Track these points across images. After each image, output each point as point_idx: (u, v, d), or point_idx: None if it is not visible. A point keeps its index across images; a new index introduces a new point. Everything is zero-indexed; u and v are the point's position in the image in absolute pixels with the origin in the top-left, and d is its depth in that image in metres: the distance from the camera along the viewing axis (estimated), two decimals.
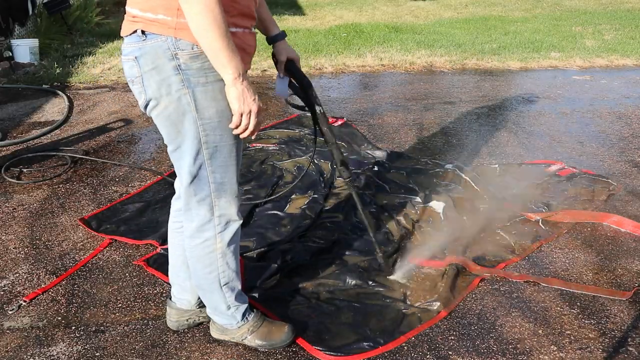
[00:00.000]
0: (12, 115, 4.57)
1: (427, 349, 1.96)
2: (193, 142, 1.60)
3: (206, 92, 1.55)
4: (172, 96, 1.54)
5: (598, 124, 4.33)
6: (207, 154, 1.63)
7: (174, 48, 1.50)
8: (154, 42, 1.50)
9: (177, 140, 1.62)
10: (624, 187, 3.20)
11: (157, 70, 1.52)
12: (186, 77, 1.52)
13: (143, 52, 1.52)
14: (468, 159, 3.60)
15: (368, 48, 6.90)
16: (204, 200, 1.70)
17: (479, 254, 2.51)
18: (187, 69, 1.52)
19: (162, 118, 1.60)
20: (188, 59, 1.51)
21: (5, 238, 2.72)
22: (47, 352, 1.96)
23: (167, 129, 1.62)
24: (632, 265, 2.46)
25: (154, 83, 1.54)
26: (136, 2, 1.52)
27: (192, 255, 1.81)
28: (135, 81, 1.58)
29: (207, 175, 1.66)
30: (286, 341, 1.93)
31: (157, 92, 1.55)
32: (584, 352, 1.94)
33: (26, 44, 6.23)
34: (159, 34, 1.49)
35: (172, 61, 1.51)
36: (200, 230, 1.75)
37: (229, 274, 1.83)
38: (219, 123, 1.60)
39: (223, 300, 1.87)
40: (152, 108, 1.60)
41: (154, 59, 1.51)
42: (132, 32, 1.53)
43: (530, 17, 9.34)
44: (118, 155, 3.72)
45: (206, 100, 1.56)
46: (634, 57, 6.54)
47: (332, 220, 2.76)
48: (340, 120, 4.25)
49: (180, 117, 1.57)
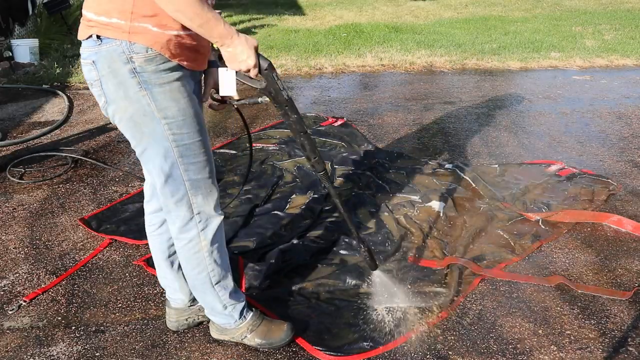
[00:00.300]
0: (12, 115, 4.57)
1: (427, 349, 1.96)
2: (160, 142, 1.60)
3: (164, 93, 1.56)
4: (130, 98, 1.55)
5: (598, 124, 4.33)
6: (177, 152, 1.63)
7: (128, 52, 1.50)
8: (109, 47, 1.51)
9: (143, 143, 1.62)
10: (624, 187, 3.20)
11: (113, 74, 1.53)
12: (143, 79, 1.53)
13: (99, 56, 1.52)
14: (468, 159, 3.60)
15: (368, 48, 6.90)
16: (181, 200, 1.70)
17: (479, 254, 2.51)
18: (142, 71, 1.52)
19: (124, 121, 1.60)
20: (143, 62, 1.52)
21: (5, 238, 2.72)
22: (47, 352, 1.96)
23: (131, 131, 1.62)
24: (632, 265, 2.46)
25: (111, 86, 1.55)
26: (90, 6, 1.52)
27: (181, 257, 1.82)
28: (94, 84, 1.58)
29: (181, 174, 1.66)
30: (285, 340, 1.93)
31: (115, 94, 1.55)
32: (584, 352, 1.94)
33: (26, 44, 6.23)
34: (113, 38, 1.50)
35: (127, 64, 1.51)
36: (183, 231, 1.75)
37: (218, 272, 1.82)
38: (184, 121, 1.60)
39: (218, 300, 1.87)
40: (113, 112, 1.59)
41: (110, 63, 1.52)
42: (88, 36, 1.53)
43: (530, 17, 9.34)
44: (118, 155, 3.72)
45: (166, 101, 1.57)
46: (634, 57, 6.55)
47: (332, 220, 2.76)
48: (340, 120, 4.25)
49: (142, 117, 1.57)
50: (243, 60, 1.56)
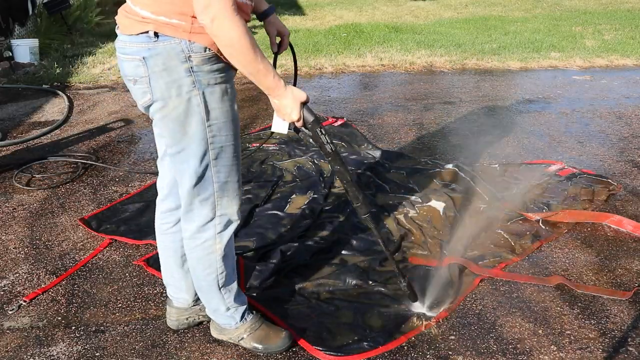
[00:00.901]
0: (12, 115, 4.57)
1: (427, 348, 1.96)
2: (200, 143, 1.61)
3: (214, 94, 1.58)
4: (182, 97, 1.55)
5: (598, 124, 4.33)
6: (213, 154, 1.64)
7: (187, 50, 1.51)
8: (166, 44, 1.50)
9: (182, 143, 1.62)
10: (624, 187, 3.20)
11: (167, 72, 1.53)
12: (197, 79, 1.54)
13: (153, 52, 1.51)
14: (468, 159, 3.60)
15: (368, 48, 6.90)
16: (207, 199, 1.71)
17: (479, 254, 2.51)
18: (198, 70, 1.53)
19: (168, 119, 1.60)
20: (200, 61, 1.53)
21: (5, 238, 2.72)
22: (47, 352, 1.96)
23: (173, 131, 1.61)
24: (632, 265, 2.46)
25: (163, 84, 1.54)
26: (146, 5, 1.51)
27: (192, 257, 1.82)
28: (139, 81, 1.57)
29: (212, 175, 1.67)
30: (282, 347, 1.92)
31: (166, 92, 1.55)
32: (584, 352, 1.94)
33: (26, 44, 6.23)
34: (172, 36, 1.50)
35: (185, 63, 1.52)
36: (201, 231, 1.75)
37: (227, 275, 1.83)
38: (225, 123, 1.62)
39: (222, 302, 1.87)
40: (158, 109, 1.59)
41: (166, 60, 1.51)
42: (140, 32, 1.52)
43: (530, 17, 9.34)
44: (118, 155, 3.72)
45: (214, 102, 1.58)
46: (634, 57, 6.54)
47: (332, 220, 2.76)
48: (340, 120, 4.25)
49: (188, 118, 1.58)
50: (287, 113, 1.61)
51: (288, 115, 1.62)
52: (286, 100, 1.58)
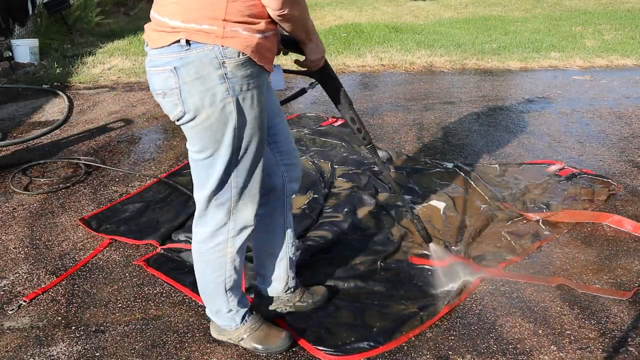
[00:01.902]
0: (12, 115, 4.57)
1: (427, 348, 1.96)
2: (227, 150, 1.59)
3: (246, 100, 1.56)
4: (215, 106, 1.52)
5: (598, 124, 4.33)
6: (238, 160, 1.63)
7: (221, 57, 1.48)
8: (199, 52, 1.48)
9: (210, 149, 1.60)
10: (624, 187, 3.20)
11: (201, 80, 1.50)
12: (231, 85, 1.52)
13: (185, 61, 1.49)
14: (468, 159, 3.60)
15: (368, 48, 6.90)
16: (223, 204, 1.70)
17: (479, 254, 2.51)
18: (232, 77, 1.51)
19: (200, 129, 1.57)
20: (234, 67, 1.50)
21: (5, 238, 2.72)
22: (47, 352, 1.96)
23: (204, 139, 1.58)
24: (632, 265, 2.46)
25: (196, 94, 1.51)
26: (175, 14, 1.49)
27: (201, 260, 1.81)
28: (169, 93, 1.53)
29: (232, 180, 1.66)
30: (282, 347, 1.92)
31: (200, 103, 1.52)
32: (584, 352, 1.94)
33: (26, 44, 6.23)
34: (204, 42, 1.47)
35: (219, 70, 1.49)
36: (214, 235, 1.74)
37: (234, 279, 1.83)
38: (253, 129, 1.60)
39: (226, 305, 1.87)
40: (190, 120, 1.56)
41: (199, 69, 1.49)
42: (171, 42, 1.49)
43: (530, 17, 9.34)
44: (118, 155, 3.72)
45: (246, 108, 1.56)
46: (634, 57, 6.54)
47: (332, 220, 2.76)
48: (340, 120, 4.25)
49: (220, 125, 1.55)
50: (323, 50, 1.81)
51: (322, 53, 1.80)
52: (319, 41, 1.77)
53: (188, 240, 2.62)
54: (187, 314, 2.15)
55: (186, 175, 3.35)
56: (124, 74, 5.85)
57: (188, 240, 2.62)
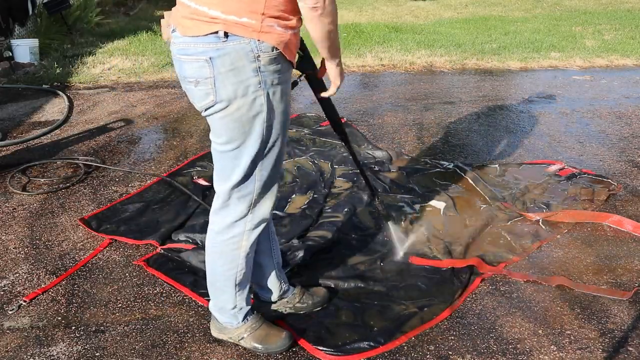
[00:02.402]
0: (12, 115, 4.57)
1: (427, 348, 1.96)
2: (256, 142, 1.63)
3: (276, 94, 1.60)
4: (247, 97, 1.56)
5: (598, 124, 4.33)
6: (264, 153, 1.67)
7: (257, 50, 1.53)
8: (236, 44, 1.52)
9: (237, 141, 1.63)
10: (624, 187, 3.20)
11: (235, 72, 1.53)
12: (264, 79, 1.56)
13: (222, 53, 1.52)
14: (468, 159, 3.60)
15: (368, 48, 6.90)
16: (245, 197, 1.72)
17: (479, 254, 2.51)
18: (265, 70, 1.56)
19: (229, 119, 1.60)
20: (267, 61, 1.55)
21: (5, 238, 2.72)
22: (47, 352, 1.96)
23: (232, 131, 1.62)
24: (632, 265, 2.46)
25: (229, 85, 1.55)
26: (215, 4, 1.52)
27: (215, 251, 1.83)
28: (203, 82, 1.57)
29: (256, 173, 1.69)
30: (282, 347, 1.92)
31: (233, 94, 1.56)
32: (584, 352, 1.94)
33: (26, 44, 6.23)
34: (242, 36, 1.51)
35: (253, 63, 1.54)
36: (232, 227, 1.77)
37: (244, 273, 1.84)
38: (279, 123, 1.65)
39: (232, 300, 1.87)
40: (220, 110, 1.59)
41: (235, 60, 1.52)
42: (209, 32, 1.52)
43: (530, 17, 9.34)
44: (118, 155, 3.72)
45: (275, 102, 1.61)
46: (634, 57, 6.54)
47: (332, 220, 2.76)
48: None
49: (250, 117, 1.59)
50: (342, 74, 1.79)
51: (342, 77, 1.79)
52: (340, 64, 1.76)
53: (188, 240, 2.62)
54: (187, 314, 2.15)
55: (186, 175, 3.36)
56: (124, 74, 5.85)
57: (188, 240, 2.62)
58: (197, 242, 2.60)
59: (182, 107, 4.75)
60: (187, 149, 3.80)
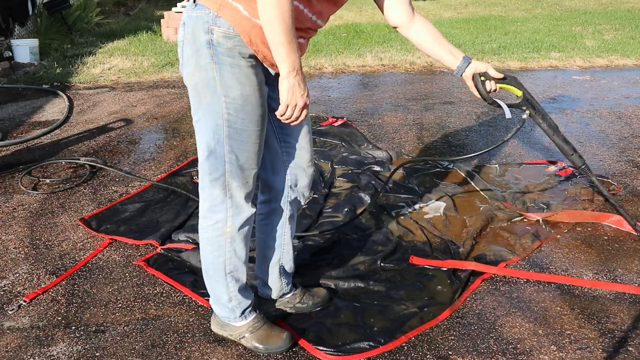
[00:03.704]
0: (12, 115, 4.57)
1: (427, 348, 1.96)
2: (214, 117, 1.65)
3: (233, 73, 1.61)
4: (200, 67, 1.61)
5: (598, 124, 4.33)
6: (227, 132, 1.66)
7: (211, 23, 1.56)
8: (198, 13, 1.58)
9: (199, 113, 1.68)
10: (624, 187, 3.20)
11: (193, 40, 1.60)
12: (215, 53, 1.58)
13: (188, 19, 1.61)
14: (468, 159, 3.60)
15: (368, 48, 6.90)
16: (217, 179, 1.72)
17: (479, 254, 2.51)
18: (217, 45, 1.58)
19: (190, 86, 1.67)
20: (220, 37, 1.57)
21: (5, 238, 2.72)
22: (47, 352, 1.96)
23: (193, 99, 1.68)
24: (632, 265, 2.46)
25: (188, 50, 1.62)
26: None
27: (202, 238, 1.83)
28: (179, 45, 1.68)
29: (224, 154, 1.69)
30: (283, 348, 1.92)
31: (189, 59, 1.63)
32: (584, 352, 1.94)
33: (26, 44, 6.24)
34: (205, 6, 1.57)
35: (206, 34, 1.57)
36: (212, 211, 1.77)
37: (235, 262, 1.83)
38: (242, 106, 1.64)
39: (226, 290, 1.87)
40: (184, 73, 1.67)
41: (193, 29, 1.59)
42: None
43: (530, 17, 9.34)
44: (118, 155, 3.72)
45: (231, 81, 1.61)
46: (634, 57, 6.54)
47: (332, 220, 2.76)
48: (340, 120, 4.25)
49: (204, 88, 1.63)
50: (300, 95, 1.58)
51: (293, 92, 1.56)
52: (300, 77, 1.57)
53: (188, 240, 2.62)
54: (187, 314, 2.15)
55: (185, 175, 3.36)
56: (124, 74, 5.85)
57: (188, 240, 2.62)
58: (197, 242, 2.60)
59: (182, 107, 4.75)
60: (187, 149, 3.80)
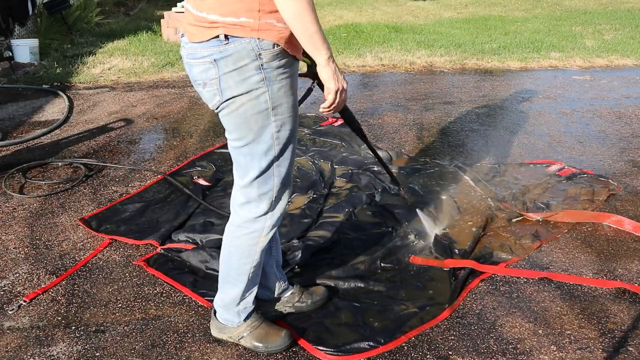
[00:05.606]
0: (12, 115, 4.57)
1: (427, 348, 1.96)
2: (266, 140, 1.66)
3: (281, 89, 1.62)
4: (251, 95, 1.60)
5: (598, 124, 4.33)
6: (277, 150, 1.68)
7: (257, 49, 1.55)
8: (237, 45, 1.55)
9: (247, 138, 1.66)
10: (624, 187, 3.19)
11: (238, 71, 1.57)
12: (266, 76, 1.59)
13: (225, 54, 1.56)
14: (468, 159, 3.60)
15: (368, 48, 6.90)
16: (266, 194, 1.74)
17: (479, 254, 2.51)
18: (267, 67, 1.58)
19: (235, 116, 1.63)
20: (270, 58, 1.57)
21: (5, 238, 2.72)
22: (47, 352, 1.96)
23: (239, 127, 1.65)
24: (632, 265, 2.46)
25: (233, 83, 1.59)
26: (213, 8, 1.54)
27: (233, 244, 1.83)
28: (209, 83, 1.61)
29: (274, 170, 1.71)
30: (282, 346, 1.92)
31: (236, 92, 1.60)
32: (584, 352, 1.94)
33: (26, 44, 6.24)
34: (241, 37, 1.54)
35: (255, 61, 1.56)
36: (254, 222, 1.78)
37: (258, 267, 1.86)
38: (289, 118, 1.67)
39: (241, 295, 1.88)
40: (226, 107, 1.63)
41: (237, 61, 1.56)
42: (211, 37, 1.55)
43: (530, 17, 9.34)
44: (118, 155, 3.72)
45: (281, 97, 1.63)
46: (634, 57, 6.54)
47: (332, 220, 2.76)
48: (340, 120, 4.25)
49: (256, 114, 1.62)
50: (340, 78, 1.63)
51: (336, 78, 1.61)
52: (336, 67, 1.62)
53: (188, 240, 2.62)
54: (187, 314, 2.15)
55: (186, 175, 3.36)
56: (124, 74, 5.85)
57: (188, 240, 2.62)
58: (197, 242, 2.60)
59: (182, 107, 4.75)
60: (187, 149, 3.80)
